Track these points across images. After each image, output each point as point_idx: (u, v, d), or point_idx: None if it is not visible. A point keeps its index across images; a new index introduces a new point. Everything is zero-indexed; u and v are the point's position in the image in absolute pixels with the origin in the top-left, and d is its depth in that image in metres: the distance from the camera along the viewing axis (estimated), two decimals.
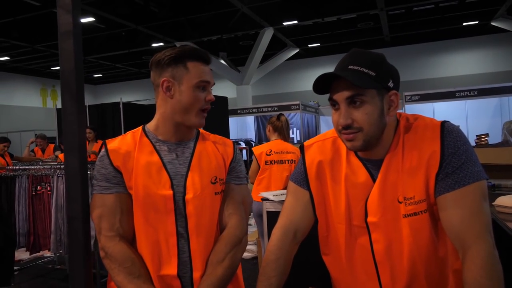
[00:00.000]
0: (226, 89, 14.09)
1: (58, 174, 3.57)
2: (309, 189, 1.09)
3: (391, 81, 0.96)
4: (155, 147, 1.18)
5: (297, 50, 13.63)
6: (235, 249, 1.17)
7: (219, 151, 1.24)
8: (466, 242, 0.90)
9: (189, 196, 1.14)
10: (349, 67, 0.95)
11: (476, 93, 9.50)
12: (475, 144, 4.24)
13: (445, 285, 1.00)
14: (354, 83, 0.91)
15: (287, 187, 1.18)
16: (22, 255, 4.38)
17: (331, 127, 1.06)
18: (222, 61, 12.79)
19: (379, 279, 1.00)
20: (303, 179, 1.10)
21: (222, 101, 7.86)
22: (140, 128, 1.22)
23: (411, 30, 11.99)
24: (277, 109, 11.08)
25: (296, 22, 10.48)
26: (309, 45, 13.42)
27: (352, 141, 0.96)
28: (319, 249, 1.13)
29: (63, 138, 1.20)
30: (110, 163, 1.14)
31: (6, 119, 14.50)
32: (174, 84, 1.14)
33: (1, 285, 3.04)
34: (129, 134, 1.22)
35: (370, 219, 0.99)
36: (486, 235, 0.90)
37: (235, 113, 11.64)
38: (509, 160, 2.99)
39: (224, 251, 1.16)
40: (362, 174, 1.01)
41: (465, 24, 11.61)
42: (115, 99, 8.20)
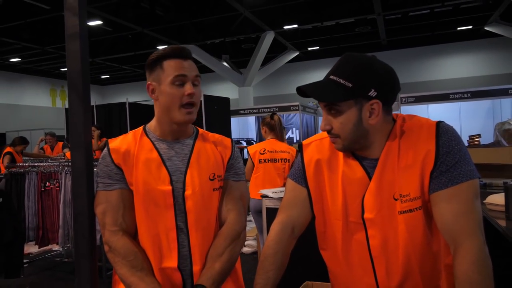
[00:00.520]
0: (228, 90, 14.09)
1: (66, 171, 3.58)
2: (307, 186, 1.09)
3: (373, 90, 0.94)
4: (154, 145, 1.18)
5: (297, 53, 13.62)
6: (234, 244, 1.17)
7: (217, 149, 1.24)
8: (458, 238, 0.90)
9: (188, 192, 1.14)
10: (330, 77, 0.97)
11: (469, 95, 9.47)
12: (467, 144, 4.23)
13: (438, 279, 1.00)
14: (320, 99, 0.96)
15: (285, 185, 1.18)
16: (31, 248, 4.39)
17: None
18: (224, 63, 12.78)
19: (375, 274, 1.00)
20: (301, 177, 1.10)
21: (224, 102, 7.86)
22: (141, 127, 1.24)
23: (407, 34, 11.97)
24: (277, 109, 11.05)
25: (296, 26, 10.47)
26: (309, 48, 13.41)
27: (334, 144, 1.01)
28: (317, 244, 1.12)
29: (70, 136, 1.20)
30: (111, 161, 1.15)
31: (17, 118, 14.53)
32: (156, 86, 1.16)
33: (11, 276, 3.04)
34: (131, 133, 1.23)
35: (366, 215, 0.99)
36: (477, 232, 0.90)
37: (237, 113, 11.62)
38: (500, 160, 2.99)
39: (223, 245, 1.15)
40: (358, 172, 1.01)
41: (459, 28, 11.59)
42: (121, 99, 8.20)
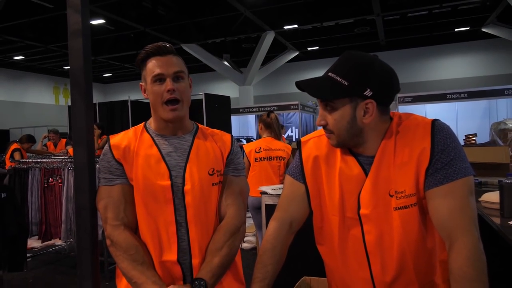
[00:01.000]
0: (229, 89, 14.07)
1: (68, 167, 3.58)
2: (305, 182, 1.09)
3: (368, 90, 0.94)
4: (154, 140, 1.18)
5: (297, 53, 13.60)
6: (233, 238, 1.17)
7: (217, 144, 1.24)
8: (453, 234, 0.90)
9: (187, 187, 1.14)
10: (328, 73, 0.98)
11: (466, 95, 9.48)
12: (463, 143, 4.23)
13: (432, 275, 1.00)
14: (315, 96, 0.97)
15: (283, 181, 1.18)
16: (34, 243, 4.40)
17: None
18: (225, 63, 12.77)
19: (370, 268, 1.00)
20: (299, 173, 1.10)
21: (225, 100, 7.85)
22: (142, 124, 1.24)
23: (406, 35, 11.96)
24: (277, 108, 11.06)
25: (296, 26, 10.45)
26: (308, 48, 13.38)
27: (329, 139, 1.03)
28: (314, 240, 1.12)
29: (72, 132, 1.20)
30: (112, 157, 1.16)
31: (20, 115, 14.51)
32: (145, 85, 1.18)
33: (15, 270, 3.05)
34: (132, 129, 1.23)
35: (362, 211, 0.99)
36: (472, 228, 0.90)
37: (237, 112, 11.63)
38: (495, 159, 2.99)
39: (222, 239, 1.15)
40: (355, 168, 1.01)
41: (457, 30, 11.57)
42: (123, 97, 8.18)
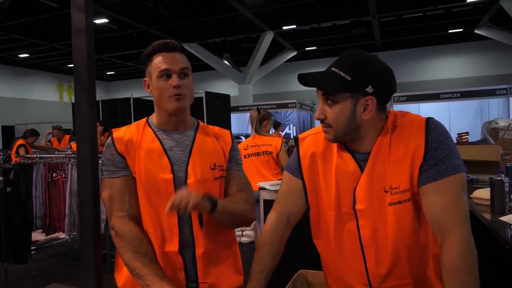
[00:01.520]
0: (228, 87, 14.05)
1: (72, 162, 3.58)
2: (302, 178, 1.09)
3: (370, 87, 0.94)
4: (156, 135, 1.18)
5: (295, 52, 13.57)
6: (246, 206, 1.20)
7: (217, 140, 1.24)
8: (445, 228, 0.90)
9: (190, 180, 1.14)
10: (332, 68, 0.98)
11: (459, 95, 9.48)
12: (456, 141, 4.24)
13: (425, 268, 1.00)
14: (319, 88, 0.96)
15: (281, 177, 1.18)
16: (38, 236, 4.39)
17: None
18: (225, 62, 12.74)
19: (365, 262, 1.00)
20: (297, 169, 1.10)
21: (224, 98, 7.84)
22: (144, 119, 1.23)
23: (401, 36, 11.94)
24: (275, 106, 11.06)
25: (294, 26, 10.43)
26: (306, 48, 13.36)
27: (326, 133, 1.01)
28: (311, 234, 1.13)
29: (75, 127, 1.19)
30: (115, 150, 1.15)
31: (25, 112, 14.46)
32: (149, 81, 1.17)
33: (19, 262, 3.05)
34: (134, 124, 1.22)
35: (358, 206, 0.99)
36: (463, 223, 0.91)
37: (237, 109, 11.59)
38: (487, 157, 2.99)
39: (238, 201, 1.19)
40: (351, 164, 1.01)
41: (450, 31, 11.56)
42: (126, 95, 8.15)
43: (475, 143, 3.79)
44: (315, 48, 13.28)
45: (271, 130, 4.94)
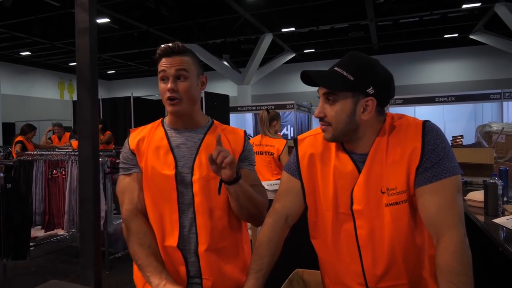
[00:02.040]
0: (228, 88, 14.03)
1: (72, 160, 3.56)
2: (300, 178, 1.09)
3: (371, 88, 0.95)
4: (166, 133, 1.20)
5: (294, 54, 13.58)
6: (262, 197, 1.20)
7: (229, 140, 1.21)
8: (440, 229, 0.91)
9: (195, 177, 1.14)
10: (335, 68, 0.98)
11: (453, 99, 9.52)
12: (451, 144, 4.25)
13: (421, 269, 1.01)
14: (322, 85, 0.97)
15: (280, 177, 1.18)
16: (37, 232, 4.37)
17: None
18: (225, 63, 12.73)
19: (362, 262, 1.01)
20: (295, 170, 1.10)
21: (224, 99, 7.84)
22: (160, 119, 1.26)
23: (398, 40, 11.97)
24: (273, 107, 11.03)
25: (293, 29, 10.43)
26: (305, 51, 13.37)
27: (324, 132, 1.01)
28: (308, 234, 1.13)
29: (77, 125, 1.19)
30: (128, 148, 1.19)
31: (26, 109, 14.39)
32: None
33: (18, 258, 3.04)
34: (150, 124, 1.25)
35: (355, 207, 0.99)
36: (458, 225, 0.91)
37: (236, 110, 11.59)
38: (481, 160, 3.01)
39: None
40: (349, 165, 1.01)
41: (446, 36, 11.60)
42: (126, 93, 8.15)
43: (469, 146, 3.79)
44: (313, 50, 13.29)
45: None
